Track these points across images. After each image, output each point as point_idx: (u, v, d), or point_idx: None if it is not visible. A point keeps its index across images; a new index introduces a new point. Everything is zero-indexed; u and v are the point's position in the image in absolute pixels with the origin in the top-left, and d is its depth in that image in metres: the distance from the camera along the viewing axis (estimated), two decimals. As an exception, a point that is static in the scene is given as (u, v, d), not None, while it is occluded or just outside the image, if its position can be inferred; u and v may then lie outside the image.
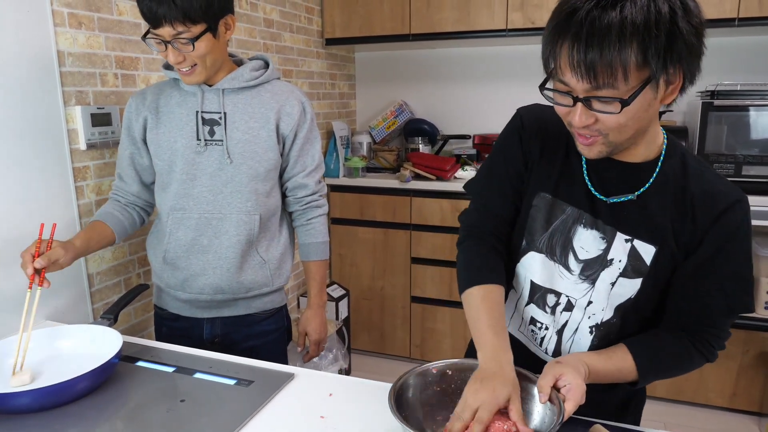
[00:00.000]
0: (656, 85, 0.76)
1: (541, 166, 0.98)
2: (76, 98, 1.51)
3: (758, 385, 2.38)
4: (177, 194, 1.35)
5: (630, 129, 0.81)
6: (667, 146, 0.92)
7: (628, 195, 0.91)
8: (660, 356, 0.93)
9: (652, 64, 0.74)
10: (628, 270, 0.93)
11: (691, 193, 0.89)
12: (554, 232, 0.97)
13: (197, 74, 1.27)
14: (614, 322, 0.97)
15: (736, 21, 2.27)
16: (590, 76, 0.75)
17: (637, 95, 0.76)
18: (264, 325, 1.49)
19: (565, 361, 0.87)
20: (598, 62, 0.74)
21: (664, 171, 0.90)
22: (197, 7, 1.18)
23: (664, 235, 0.90)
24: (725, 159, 2.29)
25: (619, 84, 0.75)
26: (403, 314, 2.90)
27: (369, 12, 2.82)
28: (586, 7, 0.74)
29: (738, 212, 0.88)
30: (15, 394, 0.96)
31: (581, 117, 0.80)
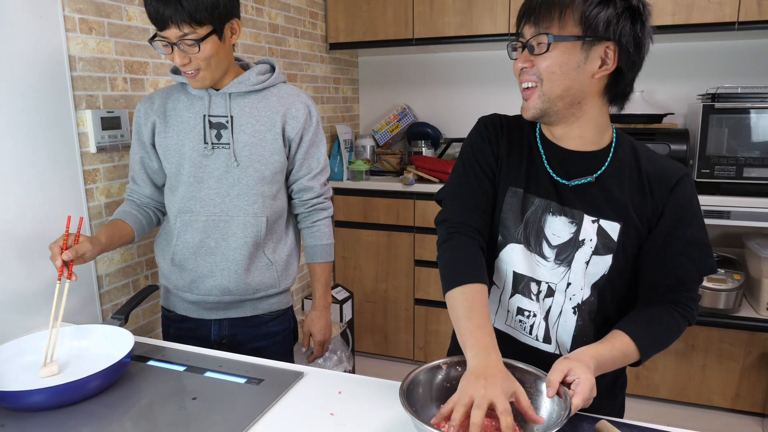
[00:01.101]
0: (586, 51, 0.90)
1: (510, 163, 1.06)
2: (86, 102, 1.53)
3: (761, 387, 2.39)
4: (185, 197, 1.37)
5: (558, 80, 0.92)
6: (617, 137, 1.03)
7: (587, 177, 1.00)
8: (654, 331, 0.98)
9: (584, 27, 0.88)
10: (599, 248, 1.00)
11: (645, 172, 0.99)
12: (527, 223, 1.04)
13: (201, 78, 1.29)
14: (592, 300, 1.03)
15: (736, 25, 2.29)
16: (535, 20, 0.91)
17: (563, 39, 0.89)
18: (270, 326, 1.50)
19: (574, 357, 0.89)
20: (543, 7, 0.90)
21: (617, 156, 1.01)
22: (203, 8, 1.20)
23: (626, 212, 0.98)
24: (726, 161, 2.30)
25: (553, 27, 0.89)
26: (407, 316, 2.91)
27: (372, 17, 2.85)
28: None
29: (688, 184, 0.99)
30: (29, 392, 0.97)
31: (522, 60, 0.94)
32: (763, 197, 2.23)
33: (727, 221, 2.29)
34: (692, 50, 2.71)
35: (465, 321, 0.93)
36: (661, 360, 2.51)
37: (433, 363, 0.96)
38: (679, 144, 2.38)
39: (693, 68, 2.72)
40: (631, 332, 0.96)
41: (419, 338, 2.91)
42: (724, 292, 2.32)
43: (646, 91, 2.71)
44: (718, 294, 2.33)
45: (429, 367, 0.95)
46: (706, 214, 2.30)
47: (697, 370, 2.47)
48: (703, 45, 2.67)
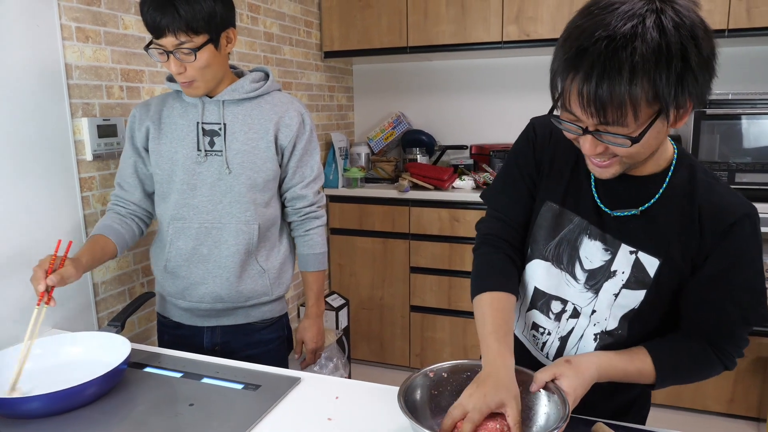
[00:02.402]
0: (666, 116, 0.76)
1: (551, 176, 1.00)
2: (82, 110, 1.54)
3: (756, 391, 2.40)
4: (177, 204, 1.37)
5: (644, 154, 0.82)
6: (677, 158, 0.92)
7: (632, 210, 0.92)
8: (679, 362, 0.94)
9: (662, 100, 0.73)
10: (631, 282, 0.93)
11: (699, 205, 0.89)
12: (561, 241, 0.98)
13: (195, 88, 1.30)
14: (620, 333, 0.97)
15: (726, 32, 2.32)
16: (600, 114, 0.75)
17: (646, 131, 0.76)
18: (263, 334, 1.50)
19: (575, 362, 0.88)
20: (608, 101, 0.73)
21: (672, 184, 0.90)
22: (200, 18, 1.21)
23: (669, 248, 0.90)
24: (718, 167, 2.33)
25: (628, 122, 0.75)
26: (403, 323, 2.91)
27: (367, 26, 2.87)
28: (598, 45, 0.73)
29: (747, 226, 0.88)
30: (25, 399, 0.97)
31: (591, 146, 0.81)
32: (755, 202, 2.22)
33: (719, 226, 2.31)
34: (683, 58, 2.73)
35: (481, 327, 0.95)
36: (657, 365, 2.52)
37: (431, 368, 0.96)
38: (672, 150, 2.40)
39: (684, 75, 2.75)
40: (654, 354, 0.92)
41: (415, 345, 2.91)
42: (717, 296, 2.34)
43: (638, 98, 2.73)
44: (712, 299, 2.34)
45: (427, 372, 0.96)
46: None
47: (692, 374, 2.48)
48: (694, 52, 2.70)
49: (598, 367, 0.89)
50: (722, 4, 2.31)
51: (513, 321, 0.98)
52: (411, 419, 0.80)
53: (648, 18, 0.72)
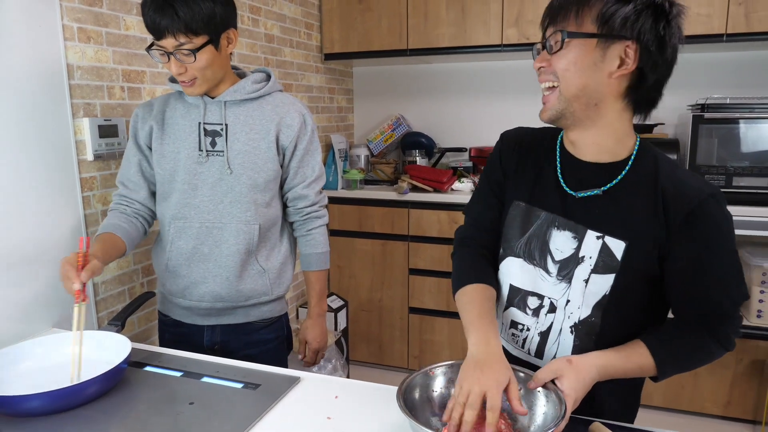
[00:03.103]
0: (603, 49, 0.87)
1: (517, 178, 1.06)
2: (84, 110, 1.54)
3: (752, 393, 2.41)
4: (178, 204, 1.38)
5: (573, 78, 0.89)
6: (639, 148, 0.97)
7: (595, 190, 0.96)
8: (678, 351, 0.95)
9: (601, 24, 0.85)
10: (599, 266, 0.95)
11: (662, 188, 0.92)
12: (531, 237, 1.02)
13: (197, 87, 1.31)
14: (594, 321, 0.98)
15: (724, 37, 2.34)
16: (553, 17, 0.90)
17: (578, 36, 0.87)
18: (263, 334, 1.51)
19: (575, 362, 0.88)
20: (558, 5, 0.89)
21: (635, 169, 0.94)
22: (199, 19, 1.22)
23: (635, 231, 0.93)
24: (716, 171, 2.34)
25: (569, 23, 0.88)
26: (402, 325, 2.92)
27: (367, 28, 2.88)
28: None
29: (714, 207, 0.90)
30: (26, 397, 0.97)
31: (539, 60, 0.93)
32: (753, 206, 2.27)
33: (717, 230, 2.32)
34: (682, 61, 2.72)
35: (466, 314, 0.99)
36: (654, 368, 2.53)
37: (431, 367, 0.97)
38: (670, 154, 2.41)
39: (683, 79, 2.76)
40: (652, 347, 0.93)
41: (414, 347, 2.91)
42: (715, 299, 2.35)
43: (636, 101, 2.75)
44: (710, 302, 2.35)
45: (426, 371, 0.96)
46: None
47: (689, 377, 2.49)
48: (693, 56, 2.72)
49: (599, 367, 0.90)
50: (721, 9, 2.33)
51: (494, 310, 1.03)
52: (409, 417, 0.81)
53: None
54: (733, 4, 2.31)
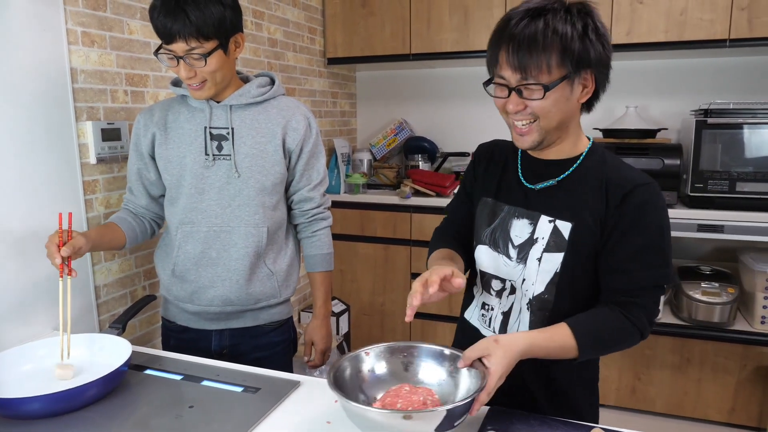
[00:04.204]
0: (572, 84, 0.96)
1: (486, 177, 1.19)
2: (87, 114, 1.55)
3: (756, 400, 2.39)
4: (186, 208, 1.38)
5: (554, 115, 0.99)
6: (590, 148, 1.08)
7: (551, 181, 1.07)
8: (598, 332, 1.00)
9: (569, 65, 0.94)
10: (550, 245, 1.05)
11: (606, 179, 1.03)
12: (496, 228, 1.13)
13: (206, 90, 1.31)
14: (547, 297, 1.07)
15: (728, 42, 2.34)
16: (521, 70, 0.95)
17: (556, 84, 0.95)
18: (271, 337, 1.50)
19: (502, 342, 0.92)
20: (527, 59, 0.94)
21: (584, 164, 1.06)
22: (210, 23, 1.22)
23: (580, 214, 1.03)
24: (719, 176, 2.33)
25: (542, 76, 0.94)
26: (403, 330, 2.91)
27: (370, 33, 2.89)
28: (517, 17, 0.96)
29: (643, 192, 1.00)
30: (26, 399, 0.98)
31: (514, 104, 0.99)
32: (757, 211, 2.26)
33: (720, 235, 2.31)
34: (685, 67, 2.75)
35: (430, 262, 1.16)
36: (657, 373, 2.52)
37: (360, 351, 1.01)
38: (673, 159, 2.41)
39: (686, 84, 2.77)
40: (574, 328, 0.98)
41: (416, 351, 2.90)
42: (718, 305, 2.34)
43: (639, 106, 2.75)
44: (713, 308, 2.34)
45: (355, 355, 1.00)
46: (699, 228, 2.32)
47: (692, 383, 2.47)
48: (696, 62, 2.72)
49: (524, 346, 0.93)
50: (724, 14, 2.33)
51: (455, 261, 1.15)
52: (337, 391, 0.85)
53: (558, 3, 0.96)
54: (736, 10, 2.30)
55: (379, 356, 1.02)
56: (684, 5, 2.38)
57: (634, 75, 2.84)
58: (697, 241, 2.76)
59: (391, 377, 1.00)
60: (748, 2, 2.28)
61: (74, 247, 1.16)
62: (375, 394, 0.97)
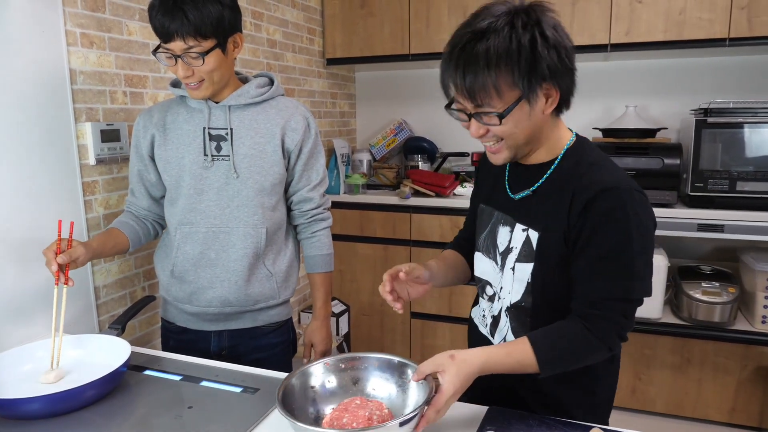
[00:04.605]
0: (529, 101, 0.92)
1: (483, 185, 1.21)
2: (86, 115, 1.55)
3: (757, 400, 2.39)
4: (185, 209, 1.38)
5: (520, 134, 0.97)
6: (569, 148, 1.04)
7: (526, 191, 1.06)
8: (560, 347, 0.96)
9: (521, 85, 0.90)
10: (522, 255, 1.04)
11: (574, 185, 0.98)
12: (488, 234, 1.14)
13: (204, 89, 1.31)
14: (524, 305, 1.06)
15: (727, 41, 2.33)
16: (471, 97, 0.92)
17: (510, 110, 0.92)
18: (270, 338, 1.50)
19: (458, 358, 0.91)
20: (475, 86, 0.90)
21: (560, 168, 1.03)
22: (208, 23, 1.22)
23: (547, 222, 1.01)
24: (720, 175, 2.33)
25: (494, 102, 0.92)
26: (403, 330, 2.91)
27: (369, 34, 2.89)
28: (462, 42, 0.91)
29: (608, 199, 0.94)
30: (25, 400, 0.98)
31: (475, 129, 0.97)
32: (757, 211, 2.25)
33: (721, 235, 2.31)
34: (685, 66, 2.75)
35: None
36: (657, 373, 2.52)
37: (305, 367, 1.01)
38: (673, 158, 2.41)
39: (685, 84, 2.77)
40: (534, 343, 0.95)
41: (415, 352, 2.90)
42: (718, 305, 2.33)
43: (639, 106, 2.74)
44: (713, 307, 2.34)
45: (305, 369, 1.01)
46: (699, 227, 2.32)
47: (692, 383, 2.47)
48: (695, 61, 2.72)
49: (480, 362, 0.92)
50: (723, 13, 2.32)
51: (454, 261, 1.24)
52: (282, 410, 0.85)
53: (502, 18, 0.90)
54: (736, 9, 2.30)
55: (329, 369, 1.02)
56: (683, 5, 2.38)
57: (633, 75, 2.84)
58: (697, 241, 2.75)
59: (342, 390, 1.01)
60: (748, 1, 2.28)
61: (71, 256, 1.16)
62: (326, 408, 0.98)
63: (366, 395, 1.00)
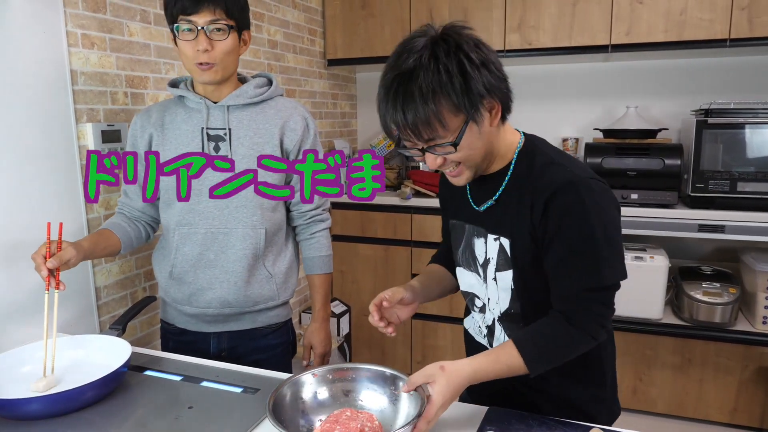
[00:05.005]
0: (476, 121, 0.93)
1: (452, 200, 1.20)
2: (87, 115, 1.55)
3: (759, 401, 2.39)
4: (183, 210, 1.38)
5: (476, 154, 0.98)
6: (520, 151, 1.05)
7: (489, 201, 1.07)
8: (544, 344, 0.97)
9: (463, 109, 0.91)
10: (500, 264, 1.06)
11: (532, 186, 1.00)
12: (465, 248, 1.15)
13: (215, 71, 1.31)
14: (514, 312, 1.08)
15: (728, 42, 2.33)
16: (418, 134, 0.92)
17: (461, 136, 0.93)
18: (270, 339, 1.50)
19: (448, 369, 0.92)
20: (417, 122, 0.90)
21: (515, 173, 1.05)
22: (238, 5, 1.29)
23: (514, 228, 1.02)
24: (720, 176, 2.33)
25: (442, 132, 0.92)
26: (404, 331, 2.91)
27: (370, 34, 2.89)
28: (393, 86, 0.92)
29: (566, 194, 0.95)
30: (26, 400, 0.98)
31: (432, 161, 0.98)
32: (758, 211, 2.25)
33: (721, 235, 2.30)
34: (685, 66, 2.75)
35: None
36: (658, 374, 2.51)
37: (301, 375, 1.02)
38: (673, 159, 2.40)
39: (686, 84, 2.77)
40: (519, 345, 0.96)
41: (417, 352, 2.90)
42: (719, 306, 2.33)
43: (640, 106, 2.74)
44: (714, 308, 2.34)
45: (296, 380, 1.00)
46: (700, 228, 2.32)
47: (694, 384, 2.47)
48: (696, 61, 2.72)
49: (469, 372, 0.94)
50: (724, 14, 2.32)
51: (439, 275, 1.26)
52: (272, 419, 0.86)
53: (425, 52, 0.90)
54: (736, 9, 2.30)
55: (320, 381, 1.02)
56: (683, 5, 2.38)
57: (634, 75, 2.84)
58: (698, 242, 2.75)
59: (333, 401, 1.01)
60: (748, 2, 2.28)
61: (61, 260, 1.14)
62: (316, 420, 0.97)
63: (356, 407, 1.00)
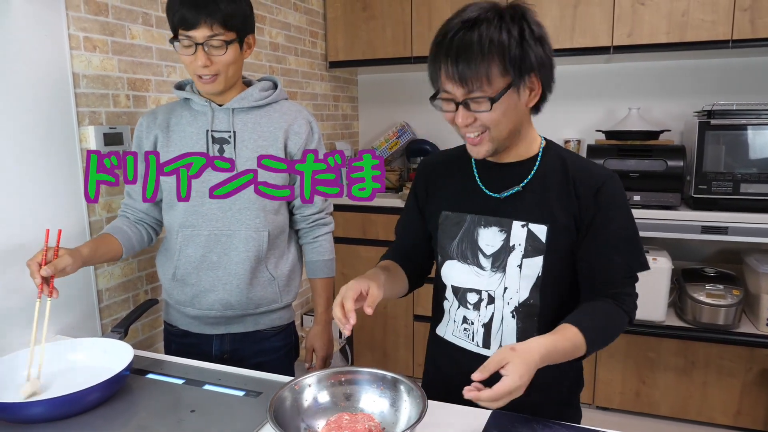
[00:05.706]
0: (518, 90, 0.97)
1: (443, 191, 1.18)
2: (89, 118, 1.55)
3: (762, 403, 2.38)
4: (186, 211, 1.38)
5: (504, 125, 1.00)
6: (544, 147, 1.10)
7: (515, 187, 1.08)
8: (602, 324, 1.02)
9: (512, 72, 0.94)
10: (528, 250, 1.06)
11: (572, 175, 1.06)
12: (461, 240, 1.13)
13: (217, 83, 1.31)
14: (532, 302, 1.08)
15: (730, 43, 2.33)
16: (463, 83, 0.94)
17: (502, 95, 0.95)
18: (272, 342, 1.50)
19: (519, 349, 0.89)
20: (467, 72, 0.93)
21: (543, 164, 1.08)
22: (237, 15, 1.27)
23: (553, 214, 1.05)
24: (723, 177, 2.32)
25: (485, 87, 0.94)
26: (406, 333, 2.91)
27: (372, 36, 2.89)
28: (453, 30, 0.95)
29: (613, 185, 1.05)
30: (28, 403, 0.98)
31: (463, 118, 0.98)
32: (761, 213, 2.25)
33: (724, 237, 2.30)
34: (687, 68, 2.75)
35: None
36: (662, 376, 2.50)
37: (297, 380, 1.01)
38: (676, 160, 2.40)
39: (688, 85, 2.76)
40: (580, 325, 0.98)
41: (418, 354, 2.90)
42: (723, 308, 2.32)
43: (642, 108, 2.74)
44: (718, 310, 2.33)
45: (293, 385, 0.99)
46: (703, 230, 2.31)
47: (697, 386, 2.46)
48: (698, 63, 2.71)
49: (542, 351, 0.90)
50: (726, 15, 2.32)
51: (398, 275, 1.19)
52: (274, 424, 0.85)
53: (490, 11, 0.95)
54: (739, 10, 2.30)
55: (321, 384, 1.02)
56: (686, 6, 2.38)
57: (636, 76, 2.83)
58: (701, 243, 2.74)
59: (334, 405, 1.00)
60: (750, 3, 2.28)
61: (56, 268, 1.13)
62: (317, 425, 0.97)
63: (356, 410, 0.99)
